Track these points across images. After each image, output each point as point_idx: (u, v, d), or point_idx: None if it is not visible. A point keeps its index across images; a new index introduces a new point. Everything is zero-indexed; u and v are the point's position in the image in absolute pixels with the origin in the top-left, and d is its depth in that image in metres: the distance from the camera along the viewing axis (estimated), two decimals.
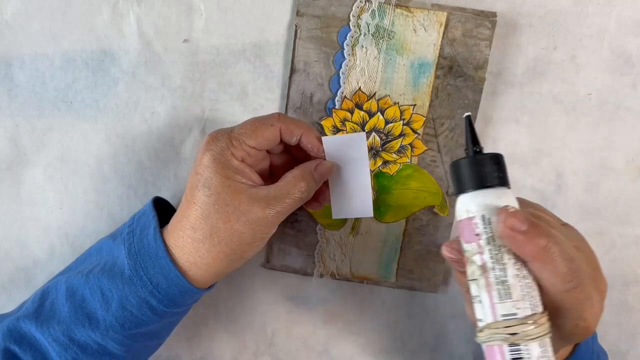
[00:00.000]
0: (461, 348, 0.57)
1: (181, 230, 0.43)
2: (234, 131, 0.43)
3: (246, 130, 0.43)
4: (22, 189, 0.54)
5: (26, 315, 0.44)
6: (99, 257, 0.46)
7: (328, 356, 0.57)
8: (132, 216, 0.47)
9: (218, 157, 0.42)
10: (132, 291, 0.43)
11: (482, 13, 0.48)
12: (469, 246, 0.36)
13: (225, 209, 0.42)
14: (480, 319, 0.35)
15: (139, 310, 0.43)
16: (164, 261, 0.42)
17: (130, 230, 0.45)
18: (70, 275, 0.45)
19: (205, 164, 0.42)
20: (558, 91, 0.51)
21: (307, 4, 0.48)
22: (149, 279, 0.42)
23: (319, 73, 0.50)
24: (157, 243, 0.43)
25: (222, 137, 0.42)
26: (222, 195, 0.42)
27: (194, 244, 0.42)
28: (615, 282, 0.56)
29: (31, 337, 0.43)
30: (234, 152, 0.42)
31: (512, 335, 0.33)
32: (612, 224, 0.52)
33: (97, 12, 0.50)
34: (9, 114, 0.52)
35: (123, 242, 0.44)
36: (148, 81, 0.51)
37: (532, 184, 0.53)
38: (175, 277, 0.42)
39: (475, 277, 0.35)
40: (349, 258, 0.54)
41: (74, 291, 0.44)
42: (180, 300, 0.44)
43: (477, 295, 0.35)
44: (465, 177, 0.36)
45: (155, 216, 0.45)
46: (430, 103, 0.50)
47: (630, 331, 0.57)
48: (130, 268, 0.43)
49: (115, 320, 0.43)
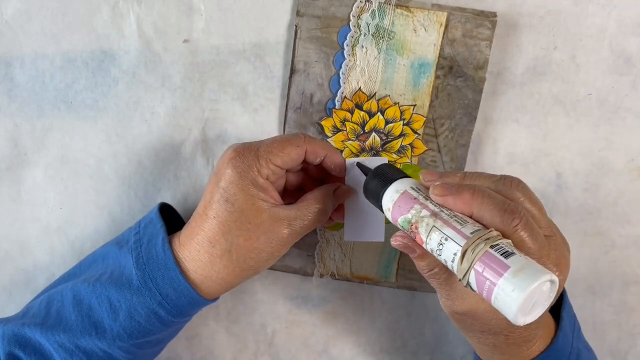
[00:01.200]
0: (461, 348, 0.57)
1: (197, 243, 0.42)
2: (260, 149, 0.42)
3: (273, 149, 0.42)
4: (22, 189, 0.54)
5: (32, 321, 0.44)
6: (104, 265, 0.45)
7: (328, 356, 0.57)
8: (138, 222, 0.47)
9: (244, 173, 0.41)
10: (141, 302, 0.42)
11: (482, 13, 0.48)
12: (412, 211, 0.38)
13: (247, 226, 0.42)
14: (455, 253, 0.35)
15: (147, 320, 0.43)
16: (174, 272, 0.42)
17: (137, 239, 0.45)
18: (77, 283, 0.45)
19: (230, 179, 0.41)
20: (558, 91, 0.51)
21: (307, 4, 0.48)
22: (158, 290, 0.42)
23: (319, 73, 0.50)
24: (166, 254, 0.43)
25: (248, 153, 0.42)
26: (245, 212, 0.42)
27: (210, 258, 0.42)
28: (615, 282, 0.56)
29: (36, 342, 0.43)
30: (260, 170, 0.42)
31: (489, 239, 0.34)
32: (612, 224, 0.52)
33: (97, 12, 0.50)
34: (9, 114, 0.52)
35: (130, 251, 0.44)
36: (148, 81, 0.51)
37: (532, 184, 0.53)
38: (185, 289, 0.42)
39: (430, 224, 0.36)
40: (349, 258, 0.54)
41: (80, 299, 0.44)
42: (188, 310, 0.44)
43: (441, 237, 0.36)
44: (382, 179, 0.41)
45: (163, 226, 0.45)
46: (431, 103, 0.50)
47: (630, 331, 0.57)
48: (138, 279, 0.42)
49: (123, 330, 0.43)
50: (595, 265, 0.55)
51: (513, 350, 0.43)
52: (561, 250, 0.37)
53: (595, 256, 0.55)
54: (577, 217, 0.54)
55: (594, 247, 0.54)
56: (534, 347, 0.43)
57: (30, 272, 0.55)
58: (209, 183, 0.43)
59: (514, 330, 0.41)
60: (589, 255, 0.55)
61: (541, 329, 0.43)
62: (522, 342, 0.42)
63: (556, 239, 0.37)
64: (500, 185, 0.38)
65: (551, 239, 0.37)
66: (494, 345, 0.43)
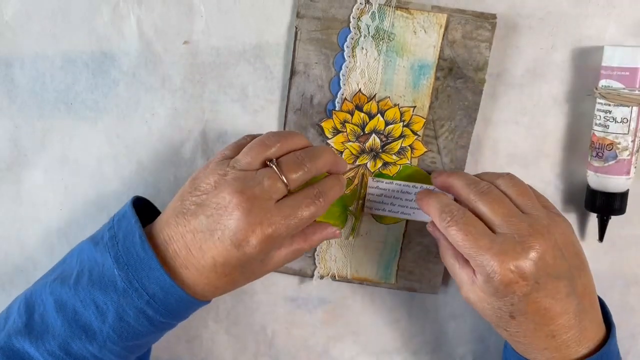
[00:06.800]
0: (461, 348, 0.57)
1: (196, 263, 0.42)
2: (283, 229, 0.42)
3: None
4: (22, 189, 0.54)
5: (17, 331, 0.42)
6: (79, 262, 0.44)
7: (328, 357, 0.58)
8: (112, 217, 0.45)
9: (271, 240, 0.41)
10: (128, 302, 0.41)
11: (482, 15, 0.48)
12: None
13: (250, 276, 0.45)
14: None
15: (136, 321, 0.42)
16: (158, 272, 0.41)
17: (112, 235, 0.43)
18: (55, 286, 0.43)
19: (255, 243, 0.41)
20: (558, 92, 0.51)
21: (307, 6, 0.48)
22: (145, 289, 0.41)
23: (319, 75, 0.50)
24: (147, 254, 0.41)
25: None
26: (254, 265, 0.43)
27: (204, 272, 0.42)
28: (615, 282, 0.56)
29: (24, 354, 0.42)
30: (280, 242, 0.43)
31: None
32: (612, 224, 0.52)
33: (98, 13, 0.50)
34: (9, 114, 0.52)
35: (107, 249, 0.42)
36: (148, 82, 0.51)
37: (531, 185, 0.53)
38: (171, 287, 0.41)
39: None
40: (349, 259, 0.54)
41: (63, 304, 0.42)
42: (177, 309, 0.43)
43: None
44: None
45: (138, 221, 0.43)
46: (430, 105, 0.50)
47: (630, 331, 0.57)
48: (123, 280, 0.41)
49: (113, 332, 0.42)
50: (595, 266, 0.55)
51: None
52: (537, 232, 0.41)
53: (595, 256, 0.55)
54: (575, 218, 0.54)
55: (594, 248, 0.55)
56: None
57: (30, 273, 0.55)
58: (211, 199, 0.42)
59: (506, 327, 0.43)
60: (588, 256, 0.55)
61: (571, 331, 0.43)
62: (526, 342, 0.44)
63: (534, 217, 0.42)
64: (486, 175, 0.46)
65: (530, 217, 0.42)
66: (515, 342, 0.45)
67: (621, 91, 0.48)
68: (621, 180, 0.50)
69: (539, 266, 0.40)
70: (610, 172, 0.50)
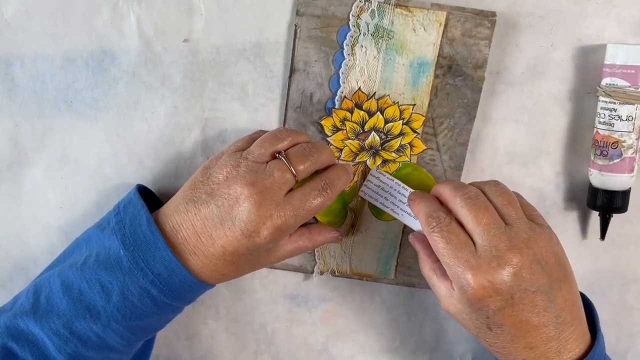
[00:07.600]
0: (460, 347, 0.57)
1: (205, 250, 0.43)
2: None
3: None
4: (22, 189, 0.54)
5: (23, 312, 0.44)
6: (88, 248, 0.45)
7: (328, 355, 0.58)
8: (117, 204, 0.47)
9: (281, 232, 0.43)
10: (133, 282, 0.43)
11: (482, 13, 0.48)
12: None
13: (256, 264, 0.47)
14: None
15: (140, 300, 0.43)
16: (164, 252, 0.42)
17: (119, 220, 0.44)
18: (63, 269, 0.44)
19: (265, 234, 0.42)
20: (557, 91, 0.51)
21: (306, 4, 0.48)
22: (150, 269, 0.43)
23: (319, 73, 0.50)
24: (154, 235, 0.43)
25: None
26: (261, 255, 0.45)
27: (213, 260, 0.44)
28: (615, 281, 0.56)
29: (29, 333, 0.43)
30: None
31: None
32: (613, 222, 0.52)
33: (97, 12, 0.50)
34: (9, 113, 0.52)
35: (114, 232, 0.44)
36: (148, 81, 0.51)
37: (531, 184, 0.53)
38: (176, 267, 0.43)
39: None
40: (348, 255, 0.54)
41: (69, 285, 0.43)
42: (181, 290, 0.44)
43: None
44: None
45: (144, 205, 0.45)
46: (430, 102, 0.50)
47: (629, 331, 0.57)
48: (129, 260, 0.43)
49: (117, 311, 0.43)
50: (594, 264, 0.55)
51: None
52: (514, 246, 0.41)
53: (595, 255, 0.55)
54: (576, 217, 0.54)
55: (594, 247, 0.55)
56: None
57: (30, 272, 0.55)
58: (223, 197, 0.43)
59: (485, 337, 0.44)
60: (588, 254, 0.55)
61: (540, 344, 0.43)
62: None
63: (515, 230, 0.42)
64: (474, 183, 0.46)
65: (511, 229, 0.42)
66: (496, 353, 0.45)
67: (627, 89, 0.48)
68: (625, 178, 0.50)
69: (515, 281, 0.40)
70: (614, 170, 0.49)
